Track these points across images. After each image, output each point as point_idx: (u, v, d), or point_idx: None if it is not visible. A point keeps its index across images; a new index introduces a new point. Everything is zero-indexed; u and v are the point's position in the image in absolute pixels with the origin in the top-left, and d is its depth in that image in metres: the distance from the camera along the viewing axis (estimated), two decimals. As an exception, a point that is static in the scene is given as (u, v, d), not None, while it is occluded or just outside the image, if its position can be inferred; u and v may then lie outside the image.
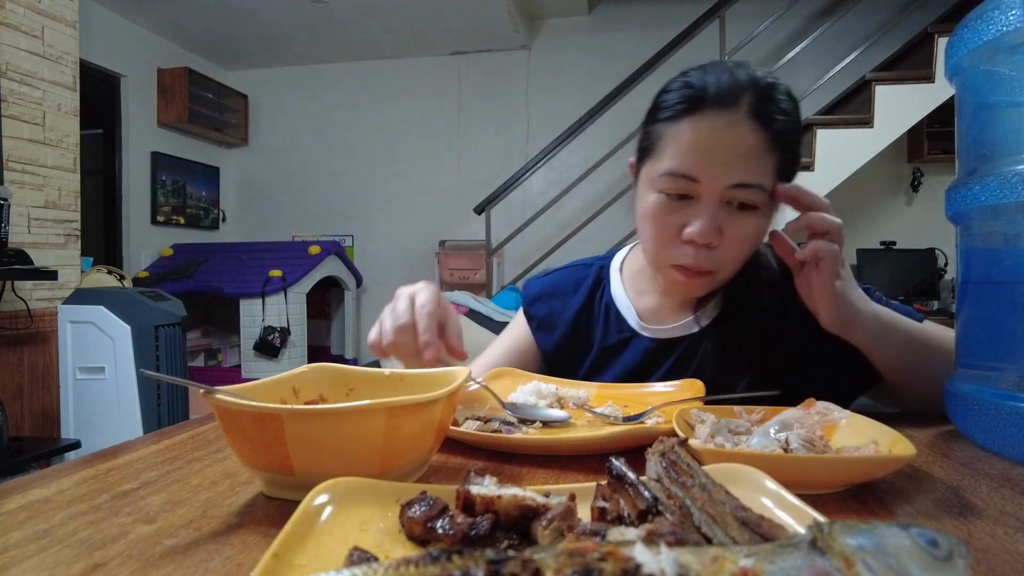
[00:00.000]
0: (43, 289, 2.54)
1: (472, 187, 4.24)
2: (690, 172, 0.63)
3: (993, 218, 0.50)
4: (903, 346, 0.65)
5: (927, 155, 3.71)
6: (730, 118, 0.63)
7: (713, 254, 0.65)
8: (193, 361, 3.93)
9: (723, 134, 0.63)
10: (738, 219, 0.64)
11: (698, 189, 0.64)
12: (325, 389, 0.53)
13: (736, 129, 0.62)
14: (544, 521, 0.30)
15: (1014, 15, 0.46)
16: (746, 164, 0.63)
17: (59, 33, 2.60)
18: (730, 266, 0.68)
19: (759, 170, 0.63)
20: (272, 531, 0.35)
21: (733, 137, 0.62)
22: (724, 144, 0.63)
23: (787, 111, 0.65)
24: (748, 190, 0.63)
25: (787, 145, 0.65)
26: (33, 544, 0.34)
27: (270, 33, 4.13)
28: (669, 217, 0.66)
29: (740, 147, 0.62)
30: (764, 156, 0.63)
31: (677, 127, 0.65)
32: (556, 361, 0.84)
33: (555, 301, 0.85)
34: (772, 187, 0.64)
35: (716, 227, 0.64)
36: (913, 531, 0.22)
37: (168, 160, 4.19)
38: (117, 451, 0.52)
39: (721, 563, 0.22)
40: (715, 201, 0.64)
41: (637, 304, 0.80)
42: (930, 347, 0.65)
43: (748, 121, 0.62)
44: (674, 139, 0.65)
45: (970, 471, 0.46)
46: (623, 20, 4.16)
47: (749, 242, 0.67)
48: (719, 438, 0.47)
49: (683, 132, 0.64)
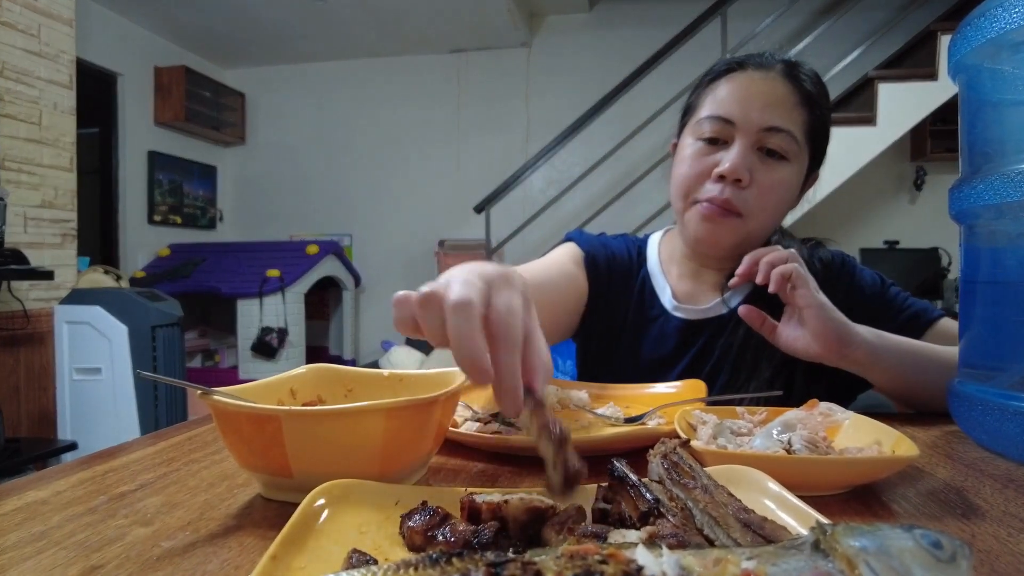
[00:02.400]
0: (39, 289, 2.54)
1: (472, 186, 4.23)
2: (726, 114, 0.70)
3: (997, 217, 0.50)
4: (902, 364, 0.64)
5: (930, 154, 3.71)
6: (764, 74, 0.71)
7: (742, 194, 0.69)
8: (190, 362, 3.92)
9: (758, 84, 0.71)
10: (769, 166, 0.70)
11: (732, 132, 0.70)
12: (323, 390, 0.53)
13: (769, 82, 0.71)
14: (556, 524, 0.29)
15: (1017, 13, 0.46)
16: (778, 111, 0.69)
17: (56, 31, 2.59)
18: (759, 214, 0.71)
19: (790, 119, 0.70)
20: (270, 533, 0.35)
21: (767, 86, 0.70)
22: (759, 92, 0.70)
23: (815, 79, 0.73)
24: (779, 135, 0.69)
25: (816, 108, 0.72)
26: (30, 546, 0.34)
27: (268, 31, 4.13)
28: (704, 159, 0.71)
29: (773, 96, 0.70)
30: (795, 109, 0.70)
31: (716, 85, 0.73)
32: (594, 314, 0.82)
33: (608, 251, 0.85)
34: (802, 142, 0.70)
35: (746, 165, 0.68)
36: (916, 532, 0.22)
37: (165, 159, 4.18)
38: (114, 452, 0.52)
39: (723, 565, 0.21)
40: (748, 143, 0.69)
41: (672, 284, 0.82)
42: (929, 364, 0.64)
43: (780, 78, 0.71)
44: (713, 93, 0.73)
45: (973, 472, 0.46)
46: (624, 17, 4.15)
47: (778, 191, 0.71)
48: (721, 439, 0.47)
49: (721, 87, 0.73)
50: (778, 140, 0.69)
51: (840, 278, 0.77)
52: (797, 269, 0.58)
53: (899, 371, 0.64)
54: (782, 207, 0.73)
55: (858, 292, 0.76)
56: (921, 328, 0.74)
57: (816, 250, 0.79)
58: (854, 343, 0.59)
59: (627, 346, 0.81)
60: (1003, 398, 0.48)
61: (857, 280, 0.77)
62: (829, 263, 0.78)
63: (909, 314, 0.75)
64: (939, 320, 0.75)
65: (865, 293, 0.76)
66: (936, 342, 0.69)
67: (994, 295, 0.51)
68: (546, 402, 0.33)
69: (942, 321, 0.75)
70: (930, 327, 0.74)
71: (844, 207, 3.76)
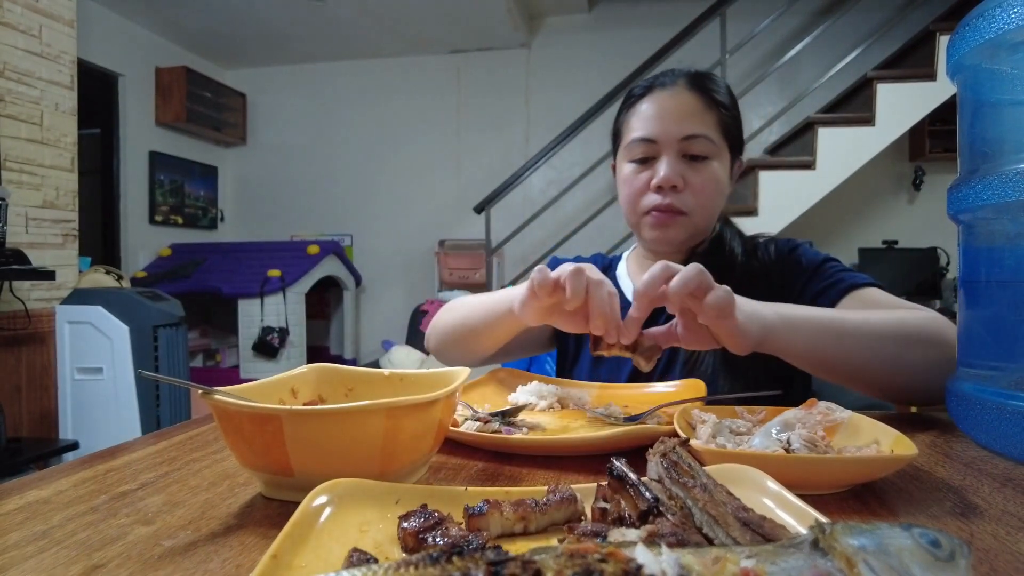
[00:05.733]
0: (41, 289, 2.54)
1: (472, 186, 4.23)
2: (648, 135, 0.79)
3: (995, 217, 0.50)
4: (815, 338, 0.59)
5: (929, 154, 3.70)
6: (672, 91, 0.81)
7: (681, 197, 0.78)
8: (191, 362, 3.92)
9: (668, 102, 0.80)
10: (696, 168, 0.79)
11: (658, 148, 0.79)
12: (324, 390, 0.53)
13: (678, 97, 0.80)
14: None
15: (1016, 13, 0.46)
16: (690, 120, 0.78)
17: (57, 32, 2.59)
18: (700, 210, 0.80)
19: (702, 123, 0.79)
20: (271, 532, 0.35)
21: (676, 102, 0.80)
22: (670, 108, 0.79)
23: (717, 82, 0.83)
24: (697, 140, 0.78)
25: (722, 107, 0.80)
26: (31, 545, 0.34)
27: (268, 32, 4.13)
28: (639, 177, 0.81)
29: (683, 108, 0.79)
30: (705, 113, 0.79)
31: (634, 109, 0.83)
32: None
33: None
34: (718, 140, 0.79)
35: (677, 173, 0.78)
36: (915, 531, 0.22)
37: (166, 160, 4.18)
38: (115, 452, 0.52)
39: (723, 564, 0.21)
40: (672, 154, 0.78)
41: (635, 280, 0.90)
42: (843, 331, 0.60)
43: (686, 90, 0.80)
44: (633, 118, 0.83)
45: (972, 471, 0.46)
46: (624, 18, 4.15)
47: (710, 187, 0.79)
48: (720, 438, 0.47)
49: (638, 110, 0.82)
50: (698, 145, 0.78)
51: (787, 262, 0.82)
52: (675, 291, 0.52)
53: (813, 346, 0.59)
54: (718, 198, 0.82)
55: (798, 268, 0.80)
56: (833, 297, 0.73)
57: (769, 244, 0.85)
58: (771, 330, 0.57)
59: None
60: (1001, 397, 0.48)
61: (798, 257, 0.82)
62: (782, 250, 0.84)
63: (826, 284, 0.76)
64: (859, 288, 0.73)
65: (802, 267, 0.80)
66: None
67: (992, 295, 0.51)
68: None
69: (865, 290, 0.73)
70: (846, 295, 0.73)
71: (843, 207, 3.76)
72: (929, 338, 0.61)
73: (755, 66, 3.65)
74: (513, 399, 0.65)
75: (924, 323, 0.62)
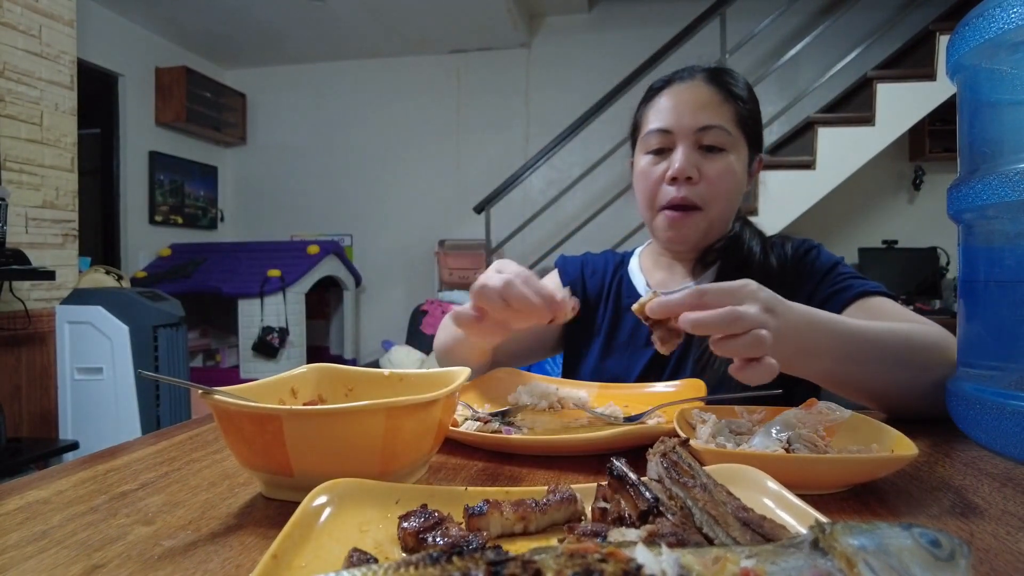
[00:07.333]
0: (41, 289, 2.54)
1: (472, 186, 4.23)
2: (664, 125, 0.80)
3: (995, 216, 0.50)
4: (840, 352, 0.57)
5: (929, 153, 3.70)
6: (690, 84, 0.81)
7: (696, 189, 0.78)
8: (191, 362, 3.92)
9: (685, 93, 0.81)
10: (711, 159, 0.79)
11: (673, 139, 0.79)
12: (324, 390, 0.53)
13: (694, 89, 0.80)
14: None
15: (1015, 13, 0.46)
16: (706, 111, 0.79)
17: (57, 32, 2.59)
18: (715, 204, 0.79)
19: (719, 115, 0.79)
20: (271, 532, 0.35)
21: (692, 93, 0.80)
22: (687, 100, 0.80)
23: (735, 77, 0.83)
24: (712, 131, 0.78)
25: (740, 100, 0.81)
26: (31, 545, 0.34)
27: (268, 32, 4.13)
28: (655, 168, 0.81)
29: (699, 99, 0.79)
30: (721, 106, 0.79)
31: (652, 103, 0.84)
32: (575, 323, 0.85)
33: (587, 269, 0.97)
34: (735, 132, 0.79)
35: (693, 164, 0.78)
36: (915, 531, 0.22)
37: (166, 159, 4.18)
38: (115, 452, 0.52)
39: (723, 564, 0.21)
40: (688, 144, 0.78)
41: (648, 276, 0.91)
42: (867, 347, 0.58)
43: (703, 84, 0.81)
44: (651, 110, 0.84)
45: (972, 471, 0.46)
46: (624, 18, 4.15)
47: (726, 179, 0.79)
48: (720, 438, 0.47)
49: (656, 104, 0.83)
50: (713, 135, 0.78)
51: (804, 263, 0.82)
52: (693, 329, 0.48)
53: (827, 369, 0.58)
54: (733, 193, 0.81)
55: (810, 271, 0.81)
56: (838, 305, 0.72)
57: (785, 243, 0.85)
58: (812, 358, 0.55)
59: (606, 335, 0.88)
60: (1001, 397, 0.48)
61: (811, 260, 0.82)
62: (797, 250, 0.84)
63: (835, 289, 0.75)
64: (868, 297, 0.72)
65: (815, 270, 0.80)
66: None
67: (992, 294, 0.51)
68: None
69: (874, 299, 0.71)
70: (853, 302, 0.72)
71: (843, 206, 3.76)
72: (933, 356, 0.59)
73: (755, 66, 3.65)
74: (513, 399, 0.65)
75: (930, 339, 0.61)
